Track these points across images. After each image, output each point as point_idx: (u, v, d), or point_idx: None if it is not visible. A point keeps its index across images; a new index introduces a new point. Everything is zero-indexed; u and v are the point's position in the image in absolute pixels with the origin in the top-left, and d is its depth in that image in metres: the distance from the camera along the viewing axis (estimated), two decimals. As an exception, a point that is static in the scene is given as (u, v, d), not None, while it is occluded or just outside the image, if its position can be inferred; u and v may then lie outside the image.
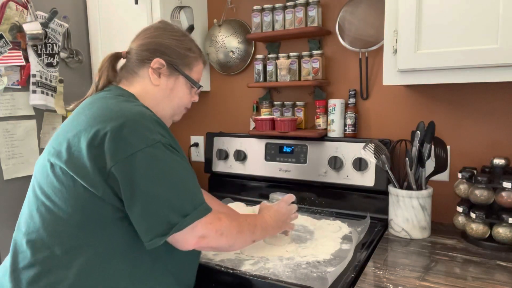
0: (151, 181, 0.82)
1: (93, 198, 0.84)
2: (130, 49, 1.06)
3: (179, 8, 1.70)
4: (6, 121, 1.53)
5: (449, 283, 0.99)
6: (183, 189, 0.86)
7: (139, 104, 0.95)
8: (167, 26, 1.08)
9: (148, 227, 0.82)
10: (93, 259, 0.85)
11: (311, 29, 1.53)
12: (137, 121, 0.85)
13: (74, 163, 0.85)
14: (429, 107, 1.46)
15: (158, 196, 0.82)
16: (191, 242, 0.86)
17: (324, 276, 1.02)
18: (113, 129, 0.83)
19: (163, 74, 1.03)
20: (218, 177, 1.86)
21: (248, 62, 1.81)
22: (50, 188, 0.88)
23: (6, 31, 1.49)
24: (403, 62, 1.16)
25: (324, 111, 1.61)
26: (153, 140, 0.84)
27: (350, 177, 1.51)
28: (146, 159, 0.82)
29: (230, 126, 1.92)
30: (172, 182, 0.84)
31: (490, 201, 1.21)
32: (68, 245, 0.85)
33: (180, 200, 0.84)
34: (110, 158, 0.82)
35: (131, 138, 0.83)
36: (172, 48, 1.04)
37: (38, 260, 0.85)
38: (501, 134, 1.35)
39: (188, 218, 0.83)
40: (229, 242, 0.94)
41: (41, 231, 0.87)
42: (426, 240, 1.28)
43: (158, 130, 0.87)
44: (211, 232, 0.89)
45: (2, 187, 1.53)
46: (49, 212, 0.87)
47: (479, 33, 1.06)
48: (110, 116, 0.86)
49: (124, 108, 0.89)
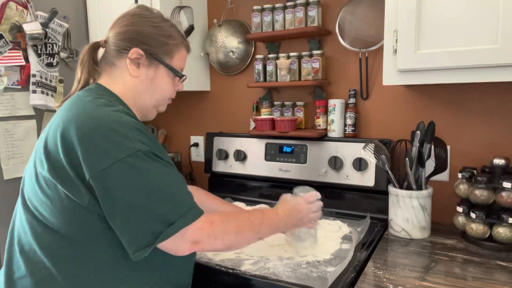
0: (131, 192, 0.79)
1: (79, 209, 0.82)
2: (108, 38, 1.00)
3: (179, 8, 1.70)
4: (6, 121, 1.53)
5: (449, 283, 0.99)
6: (166, 197, 0.82)
7: (119, 109, 0.89)
8: (144, 12, 1.01)
9: (132, 239, 0.80)
10: (84, 269, 0.83)
11: (311, 29, 1.53)
12: (115, 130, 0.81)
13: (56, 172, 0.82)
14: (429, 107, 1.46)
15: (139, 206, 0.79)
16: (184, 249, 0.84)
17: (324, 276, 1.02)
18: (89, 138, 0.80)
19: (142, 65, 0.97)
20: (218, 177, 1.86)
21: (248, 62, 1.81)
22: (37, 200, 0.86)
23: (6, 31, 1.49)
24: (403, 62, 1.16)
25: (324, 111, 1.61)
26: (132, 148, 0.80)
27: (350, 177, 1.51)
28: (124, 169, 0.79)
29: (230, 126, 1.92)
30: (153, 191, 0.81)
31: (490, 201, 1.21)
32: (58, 257, 0.83)
33: (163, 208, 0.81)
34: (87, 169, 0.79)
35: (108, 148, 0.79)
36: (151, 36, 0.97)
37: (30, 271, 0.85)
38: (501, 134, 1.35)
39: (173, 226, 0.80)
40: (226, 244, 0.91)
41: (32, 243, 0.86)
42: (426, 240, 1.28)
43: (139, 138, 0.83)
44: (203, 237, 0.86)
45: (2, 187, 1.53)
46: (39, 224, 0.85)
47: (479, 33, 1.06)
48: (87, 123, 0.82)
49: (102, 115, 0.84)
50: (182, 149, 2.07)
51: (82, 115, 0.84)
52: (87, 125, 0.82)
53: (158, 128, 2.12)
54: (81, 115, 0.84)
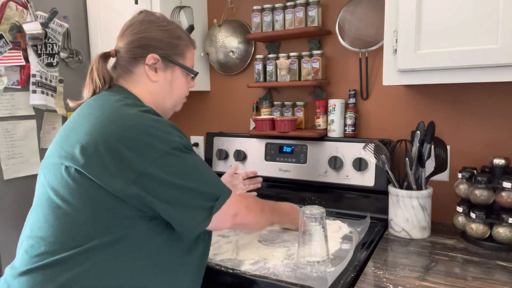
0: (182, 177, 0.88)
1: (113, 199, 0.84)
2: (119, 48, 1.03)
3: (179, 8, 1.70)
4: (6, 121, 1.53)
5: (449, 283, 0.99)
6: (207, 179, 0.93)
7: (149, 109, 0.95)
8: (151, 17, 1.04)
9: (190, 218, 0.89)
10: (109, 258, 0.84)
11: (311, 29, 1.53)
12: (155, 127, 0.88)
13: (93, 167, 0.84)
14: (429, 107, 1.46)
15: (191, 189, 0.89)
16: (227, 221, 0.96)
17: (324, 276, 1.02)
18: (134, 136, 0.85)
19: (159, 69, 1.02)
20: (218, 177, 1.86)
21: (248, 62, 1.81)
22: (66, 190, 0.86)
23: (6, 31, 1.49)
24: (403, 62, 1.16)
25: (324, 111, 1.61)
26: (174, 142, 0.88)
27: (350, 177, 1.51)
28: (172, 159, 0.87)
29: (230, 126, 1.92)
30: (199, 175, 0.91)
31: (490, 201, 1.21)
32: (84, 246, 0.84)
33: (209, 188, 0.92)
34: (137, 163, 0.84)
35: (154, 142, 0.86)
36: (163, 40, 1.02)
37: (45, 264, 0.84)
38: (501, 134, 1.35)
39: (220, 199, 0.92)
40: (256, 218, 1.05)
41: (58, 233, 0.85)
42: (426, 240, 1.28)
43: (177, 133, 0.91)
44: (241, 209, 0.99)
45: (2, 187, 1.53)
46: (66, 215, 0.86)
47: (479, 33, 1.06)
48: (128, 122, 0.87)
49: (139, 114, 0.90)
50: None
51: (120, 114, 0.89)
52: (128, 123, 0.87)
53: (158, 128, 2.12)
54: (119, 115, 0.89)
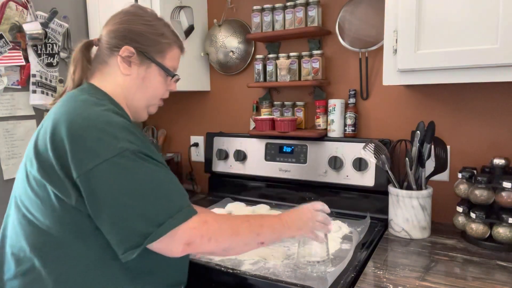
0: (118, 192, 0.78)
1: (68, 209, 0.82)
2: (101, 36, 1.00)
3: (179, 8, 1.70)
4: (6, 121, 1.53)
5: (449, 283, 0.99)
6: (155, 197, 0.80)
7: (109, 108, 0.88)
8: (138, 10, 1.01)
9: (120, 240, 0.78)
10: (74, 270, 0.83)
11: (311, 29, 1.53)
12: (104, 130, 0.81)
13: (45, 172, 0.82)
14: (429, 107, 1.46)
15: (126, 207, 0.77)
16: (176, 250, 0.82)
17: (324, 276, 1.02)
18: (79, 138, 0.79)
19: (133, 63, 0.97)
20: (218, 177, 1.86)
21: (248, 62, 1.81)
22: (28, 201, 0.86)
23: (6, 31, 1.49)
24: (403, 62, 1.16)
25: (324, 111, 1.61)
26: (120, 148, 0.79)
27: (350, 177, 1.51)
28: (111, 169, 0.78)
29: (230, 126, 1.92)
30: (141, 190, 0.79)
31: (490, 201, 1.21)
32: (48, 257, 0.83)
33: (152, 209, 0.79)
34: (75, 169, 0.78)
35: (96, 148, 0.78)
36: (143, 34, 0.97)
37: (20, 272, 0.85)
38: (501, 134, 1.35)
39: (163, 227, 0.78)
40: (221, 246, 0.87)
41: (23, 244, 0.85)
42: (426, 240, 1.28)
43: (127, 138, 0.82)
44: (195, 238, 0.82)
45: (2, 187, 1.53)
46: (30, 224, 0.85)
47: (479, 33, 1.06)
48: (77, 123, 0.81)
49: (92, 114, 0.84)
50: (182, 149, 2.07)
51: (72, 114, 0.84)
52: (77, 124, 0.81)
53: (158, 128, 2.12)
54: (71, 114, 0.84)
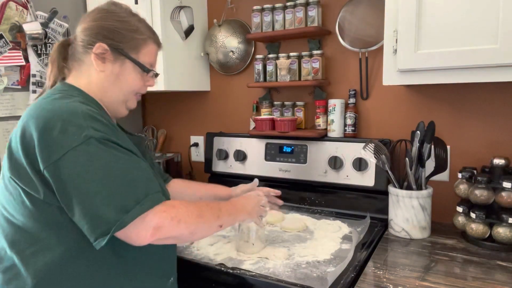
0: (84, 180, 0.78)
1: (38, 204, 0.83)
2: (76, 35, 1.00)
3: (179, 8, 1.70)
4: (6, 121, 1.53)
5: (449, 283, 0.99)
6: (121, 183, 0.80)
7: (75, 99, 0.89)
8: (111, 7, 1.01)
9: (90, 228, 0.78)
10: (51, 264, 0.84)
11: (311, 29, 1.53)
12: (66, 120, 0.81)
13: (16, 169, 0.85)
14: (429, 107, 1.46)
15: (93, 194, 0.77)
16: (145, 236, 0.80)
17: (324, 276, 1.02)
18: (44, 131, 0.80)
19: (107, 60, 0.97)
20: (218, 177, 1.86)
21: (248, 62, 1.81)
22: (4, 199, 0.88)
23: (6, 31, 1.49)
24: (403, 62, 1.16)
25: (324, 111, 1.61)
26: (84, 137, 0.80)
27: (350, 177, 1.51)
28: (76, 158, 0.78)
29: (230, 126, 1.92)
30: (107, 177, 0.79)
31: (490, 201, 1.21)
32: (26, 253, 0.84)
33: (118, 195, 0.79)
34: (41, 161, 0.80)
35: (60, 139, 0.79)
36: (115, 31, 0.97)
37: (2, 269, 0.86)
38: (501, 134, 1.35)
39: (131, 213, 0.78)
40: (189, 228, 0.88)
41: (3, 242, 0.88)
42: (426, 240, 1.28)
43: (92, 125, 0.82)
44: (165, 220, 0.82)
45: (2, 187, 1.53)
46: (8, 223, 0.87)
47: (479, 33, 1.06)
48: (42, 117, 0.83)
49: (56, 107, 0.85)
50: (182, 149, 2.07)
51: (39, 109, 0.85)
52: (43, 118, 0.82)
53: (158, 128, 2.12)
54: (38, 110, 0.85)
